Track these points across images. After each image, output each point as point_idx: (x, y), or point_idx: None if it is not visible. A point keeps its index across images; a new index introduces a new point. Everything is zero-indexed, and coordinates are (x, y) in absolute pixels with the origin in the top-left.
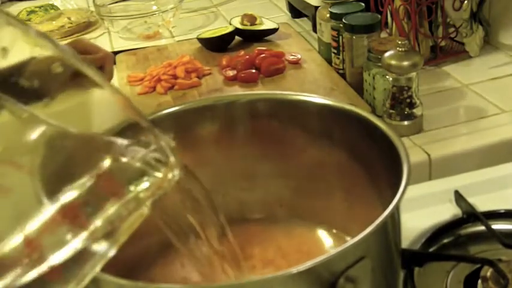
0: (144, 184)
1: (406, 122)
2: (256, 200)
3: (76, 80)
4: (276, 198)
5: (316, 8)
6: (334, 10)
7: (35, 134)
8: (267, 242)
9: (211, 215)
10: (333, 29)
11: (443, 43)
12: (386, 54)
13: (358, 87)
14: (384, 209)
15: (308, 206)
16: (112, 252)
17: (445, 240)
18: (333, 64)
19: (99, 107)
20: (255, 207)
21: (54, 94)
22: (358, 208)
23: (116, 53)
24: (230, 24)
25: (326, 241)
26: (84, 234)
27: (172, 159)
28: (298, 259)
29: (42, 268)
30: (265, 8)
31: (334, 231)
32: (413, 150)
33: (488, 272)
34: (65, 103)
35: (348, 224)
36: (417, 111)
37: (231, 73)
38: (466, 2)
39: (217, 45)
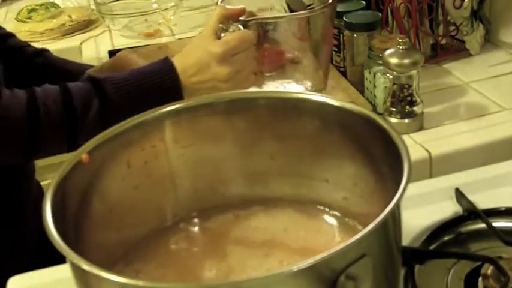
0: None
1: (406, 120)
2: (257, 196)
3: None
4: (276, 194)
5: None
6: None
7: None
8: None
9: None
10: (333, 27)
11: (444, 41)
12: (387, 52)
13: (358, 85)
14: (385, 207)
15: (308, 203)
16: None
17: (446, 238)
18: (333, 62)
19: None
20: (255, 203)
21: None
22: (358, 206)
23: (116, 51)
24: None
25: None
26: None
27: None
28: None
29: None
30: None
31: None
32: (414, 148)
33: (489, 269)
34: None
35: (349, 221)
36: (418, 109)
37: None
38: (466, 0)
39: None
